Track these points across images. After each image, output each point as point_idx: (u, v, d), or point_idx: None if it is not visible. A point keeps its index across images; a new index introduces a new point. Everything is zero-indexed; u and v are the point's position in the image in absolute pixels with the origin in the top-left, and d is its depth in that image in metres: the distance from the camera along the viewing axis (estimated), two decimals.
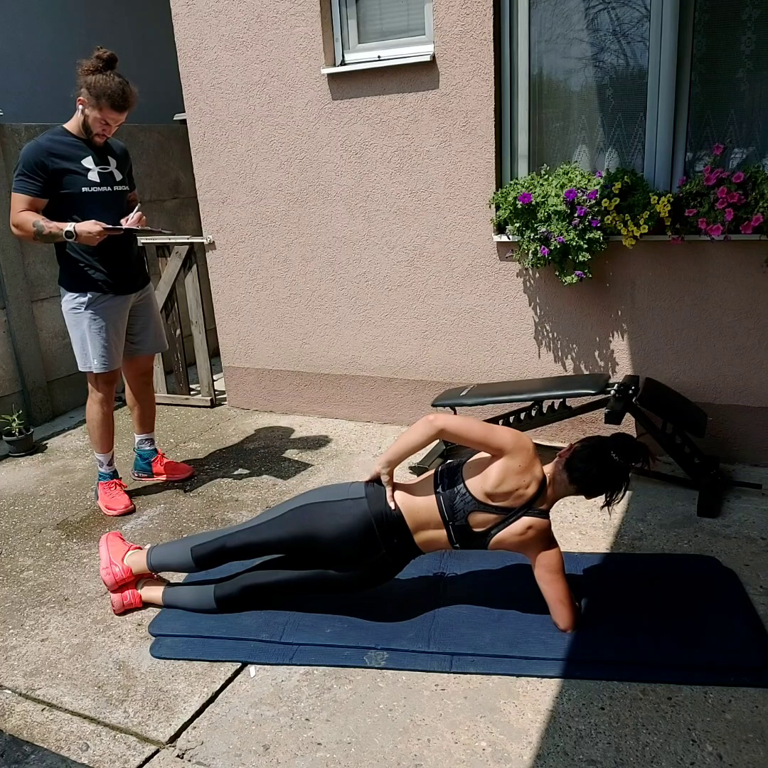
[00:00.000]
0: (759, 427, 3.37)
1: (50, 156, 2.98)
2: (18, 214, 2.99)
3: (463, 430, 2.22)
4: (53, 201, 3.04)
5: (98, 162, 3.11)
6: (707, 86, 3.22)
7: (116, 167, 3.20)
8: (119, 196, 3.22)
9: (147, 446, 3.65)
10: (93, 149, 3.11)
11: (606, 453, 2.18)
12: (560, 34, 3.39)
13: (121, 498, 3.37)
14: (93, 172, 3.09)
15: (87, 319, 3.16)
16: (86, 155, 3.08)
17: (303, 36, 3.77)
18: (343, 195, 3.94)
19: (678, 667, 2.16)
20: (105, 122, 3.01)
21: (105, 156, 3.16)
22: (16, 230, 3.03)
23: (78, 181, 3.05)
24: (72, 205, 3.05)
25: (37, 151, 2.97)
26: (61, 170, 3.00)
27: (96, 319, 3.16)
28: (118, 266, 3.18)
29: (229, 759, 1.97)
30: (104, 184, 3.13)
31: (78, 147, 3.07)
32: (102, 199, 3.12)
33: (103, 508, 3.38)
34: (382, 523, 2.27)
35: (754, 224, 3.01)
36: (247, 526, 2.46)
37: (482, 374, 3.87)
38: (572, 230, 3.29)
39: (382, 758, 1.94)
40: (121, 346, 3.30)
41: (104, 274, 3.15)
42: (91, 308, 3.15)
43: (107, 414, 3.34)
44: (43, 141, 3.01)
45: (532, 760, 1.90)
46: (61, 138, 3.05)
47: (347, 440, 4.02)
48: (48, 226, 2.96)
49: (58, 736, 2.09)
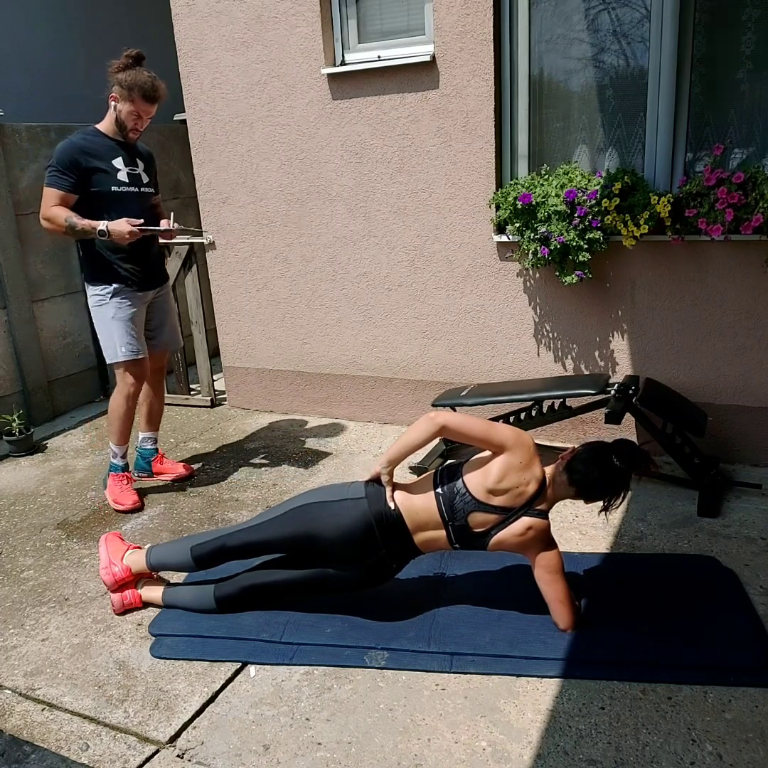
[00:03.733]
0: (759, 427, 3.37)
1: (83, 154, 3.05)
2: (50, 208, 3.06)
3: (464, 427, 2.22)
4: (83, 198, 3.11)
5: (128, 163, 3.18)
6: (707, 87, 3.22)
7: (143, 169, 3.26)
8: (146, 197, 3.29)
9: (149, 445, 3.65)
10: (124, 150, 3.17)
11: (607, 457, 2.18)
12: (560, 34, 3.39)
13: (130, 494, 3.38)
14: (122, 173, 3.15)
15: (113, 308, 3.22)
16: (117, 155, 3.15)
17: (303, 36, 3.77)
18: (344, 195, 3.94)
19: (678, 667, 2.16)
20: (137, 115, 3.08)
21: (134, 158, 3.23)
22: (46, 223, 3.09)
23: (108, 180, 3.11)
24: (101, 203, 3.12)
25: (71, 149, 3.05)
26: (92, 168, 3.07)
27: (121, 308, 3.22)
28: (140, 263, 3.24)
29: (229, 759, 1.97)
30: (132, 185, 3.20)
31: (110, 147, 3.14)
32: (130, 199, 3.18)
33: (110, 502, 3.38)
34: (381, 523, 2.27)
35: (755, 224, 3.01)
36: (246, 525, 2.46)
37: (482, 374, 3.87)
38: (572, 230, 3.29)
39: (383, 758, 1.94)
40: (143, 336, 3.35)
41: (127, 270, 3.21)
42: (117, 298, 3.22)
43: (131, 408, 3.37)
44: (77, 139, 3.08)
45: (533, 760, 1.90)
46: (93, 138, 3.13)
47: (347, 440, 4.02)
48: (81, 223, 3.03)
49: (59, 736, 2.09)
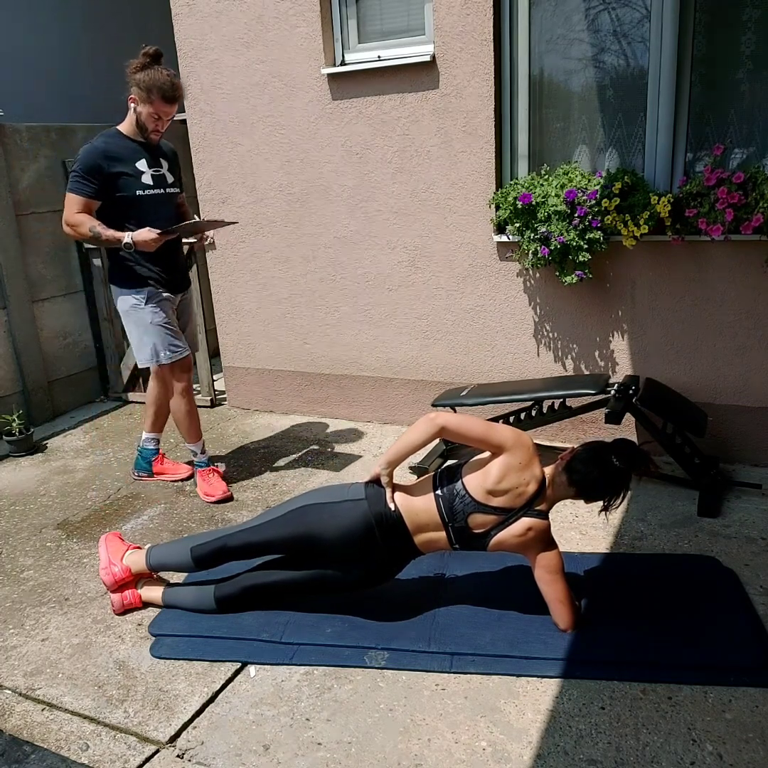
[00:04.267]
0: (759, 427, 3.37)
1: (106, 159, 3.02)
2: (74, 215, 3.04)
3: (463, 428, 2.22)
4: (107, 203, 3.08)
5: (151, 164, 3.15)
6: (707, 87, 3.22)
7: (168, 169, 3.23)
8: (171, 198, 3.27)
9: (151, 445, 3.66)
10: (147, 151, 3.14)
11: (607, 457, 2.18)
12: (560, 34, 3.39)
13: (219, 485, 3.42)
14: (146, 175, 3.13)
15: (150, 314, 3.21)
16: (140, 158, 3.12)
17: (303, 36, 3.77)
18: (344, 195, 3.94)
19: (678, 667, 2.16)
20: (157, 116, 3.03)
21: (157, 158, 3.19)
22: (69, 230, 3.08)
23: (132, 185, 3.09)
24: (126, 208, 3.09)
25: (94, 154, 3.01)
26: (116, 174, 3.04)
27: (157, 312, 3.23)
28: (167, 266, 3.24)
29: (229, 759, 1.97)
30: (157, 187, 3.17)
31: (132, 149, 3.11)
32: (155, 202, 3.16)
33: (201, 495, 3.43)
34: (382, 524, 2.27)
35: (755, 224, 3.01)
36: (247, 526, 2.46)
37: (482, 374, 3.87)
38: (572, 230, 3.29)
39: (383, 758, 1.94)
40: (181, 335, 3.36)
41: (155, 273, 3.21)
42: (152, 302, 3.21)
43: (190, 402, 3.41)
44: (99, 143, 3.05)
45: (533, 760, 1.90)
46: (116, 140, 3.09)
47: (347, 440, 4.02)
48: (105, 233, 3.01)
49: (58, 736, 2.09)
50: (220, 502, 3.37)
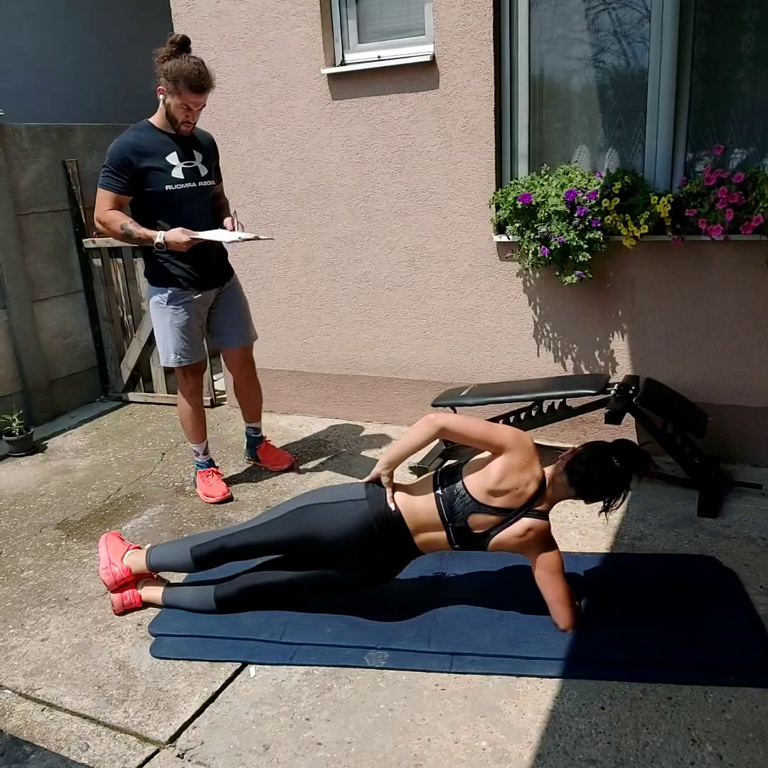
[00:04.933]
0: (759, 427, 3.37)
1: (135, 153, 2.97)
2: (105, 212, 3.00)
3: (464, 429, 2.22)
4: (137, 199, 3.04)
5: (183, 157, 3.07)
6: (707, 87, 3.22)
7: (201, 161, 3.15)
8: (204, 192, 3.19)
9: (252, 434, 3.74)
10: (178, 144, 3.07)
11: (607, 458, 2.18)
12: (560, 34, 3.39)
13: (219, 486, 3.42)
14: (177, 169, 3.05)
15: (169, 315, 3.19)
16: (171, 151, 3.05)
17: (303, 36, 3.77)
18: (344, 195, 3.94)
19: (678, 667, 2.16)
20: (187, 107, 2.96)
21: (190, 150, 3.12)
22: (101, 226, 3.05)
23: (161, 179, 3.02)
24: (156, 203, 3.05)
25: (123, 148, 2.97)
26: (145, 168, 2.99)
27: (177, 314, 3.18)
28: (198, 263, 3.16)
29: (229, 759, 1.97)
30: (188, 181, 3.09)
31: (163, 142, 3.04)
32: (186, 196, 3.09)
33: (201, 496, 3.43)
34: (382, 525, 2.27)
35: (755, 225, 3.00)
36: (247, 526, 2.46)
37: (482, 374, 3.87)
38: (572, 230, 3.29)
39: (383, 758, 1.94)
40: (200, 339, 3.32)
41: (184, 271, 3.15)
42: (173, 304, 3.18)
43: (197, 404, 3.41)
44: (128, 137, 3.00)
45: (533, 760, 1.90)
46: (146, 134, 3.03)
47: (347, 440, 4.02)
48: (137, 232, 2.98)
49: (58, 736, 2.09)
50: (221, 503, 3.37)
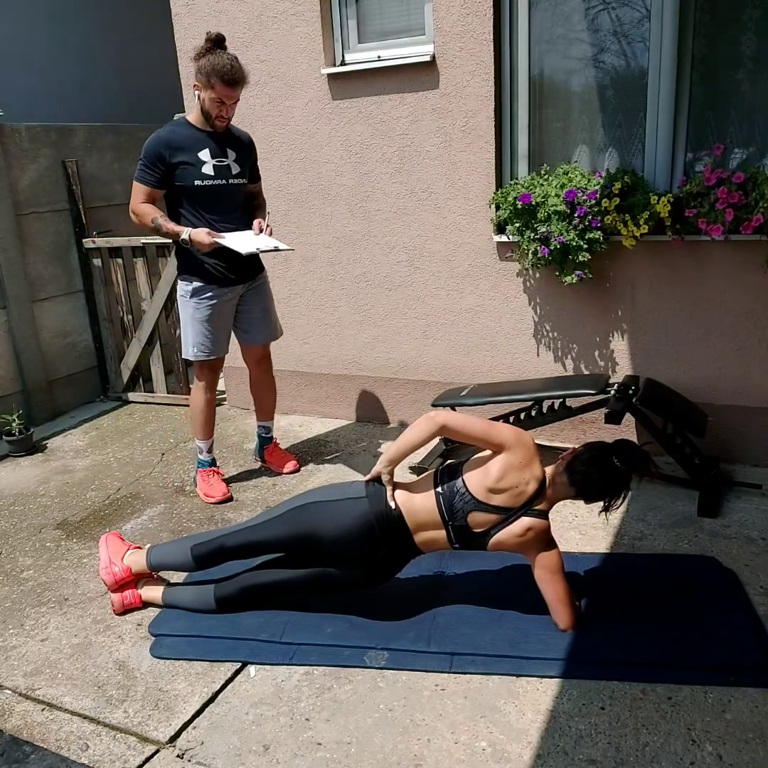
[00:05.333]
0: (759, 427, 3.37)
1: (169, 148, 3.03)
2: (138, 205, 3.08)
3: (464, 427, 2.22)
4: (169, 192, 3.11)
5: (215, 154, 3.12)
6: (707, 86, 3.22)
7: (234, 159, 3.19)
8: (234, 189, 3.21)
9: (263, 433, 3.74)
10: (212, 141, 3.11)
11: (608, 458, 2.18)
12: (560, 34, 3.39)
13: (219, 486, 3.43)
14: (208, 165, 3.09)
15: (191, 308, 3.23)
16: (204, 147, 3.09)
17: (303, 36, 3.77)
18: (344, 195, 3.94)
19: (678, 667, 2.16)
20: (220, 101, 3.00)
21: (224, 148, 3.15)
22: (134, 218, 3.12)
23: (191, 174, 3.07)
24: (185, 197, 3.10)
25: (157, 143, 3.04)
26: (176, 163, 3.05)
27: (199, 309, 3.22)
28: (226, 258, 3.17)
29: (229, 759, 1.97)
30: (218, 177, 3.13)
31: (197, 139, 3.09)
32: (215, 193, 3.12)
33: (201, 496, 3.44)
34: (382, 523, 2.27)
35: (755, 224, 3.00)
36: (247, 525, 2.46)
37: (482, 374, 3.87)
38: (572, 230, 3.29)
39: (382, 758, 1.94)
40: (223, 336, 3.34)
41: (210, 266, 3.18)
42: (196, 297, 3.21)
43: (209, 401, 3.45)
44: (164, 133, 3.07)
45: (532, 760, 1.90)
46: (181, 129, 3.10)
47: (347, 440, 4.02)
48: (166, 226, 3.05)
49: (58, 736, 2.09)
50: (220, 503, 3.37)
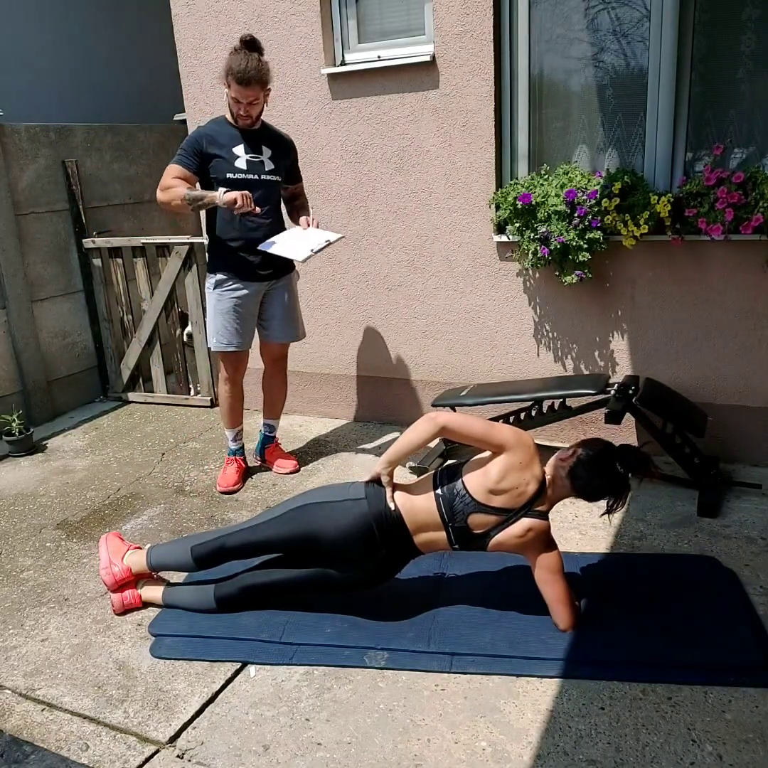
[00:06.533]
0: (759, 427, 3.37)
1: (207, 140, 3.13)
2: (170, 180, 3.11)
3: (464, 428, 2.22)
4: (203, 186, 3.16)
5: (249, 150, 3.18)
6: (707, 86, 3.22)
7: (270, 157, 3.24)
8: (267, 185, 3.25)
9: (266, 432, 3.75)
10: (247, 137, 3.18)
11: (611, 464, 2.17)
12: (560, 34, 3.39)
13: (231, 477, 3.51)
14: (241, 160, 3.16)
15: (214, 299, 3.31)
16: (238, 143, 3.17)
17: (303, 36, 3.77)
18: (343, 195, 3.94)
19: (678, 667, 2.16)
20: (236, 100, 3.05)
21: (259, 145, 3.22)
22: (162, 195, 3.14)
23: (224, 167, 3.15)
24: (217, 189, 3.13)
25: (198, 134, 3.16)
26: (212, 155, 3.13)
27: (220, 300, 3.29)
28: (252, 255, 3.22)
29: (229, 759, 1.97)
30: (251, 172, 3.19)
31: (232, 135, 3.17)
32: (246, 186, 3.14)
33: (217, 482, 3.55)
34: (382, 524, 2.27)
35: (755, 224, 3.01)
36: (247, 525, 2.46)
37: (482, 374, 3.87)
38: (572, 230, 3.29)
39: (382, 758, 1.94)
40: (244, 329, 3.37)
41: (238, 259, 3.23)
42: (219, 289, 3.28)
43: (233, 392, 3.52)
44: (205, 128, 3.19)
45: (532, 760, 1.90)
46: (220, 126, 3.19)
47: (347, 440, 4.02)
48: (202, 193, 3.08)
49: (58, 736, 2.09)
50: (226, 493, 3.44)
